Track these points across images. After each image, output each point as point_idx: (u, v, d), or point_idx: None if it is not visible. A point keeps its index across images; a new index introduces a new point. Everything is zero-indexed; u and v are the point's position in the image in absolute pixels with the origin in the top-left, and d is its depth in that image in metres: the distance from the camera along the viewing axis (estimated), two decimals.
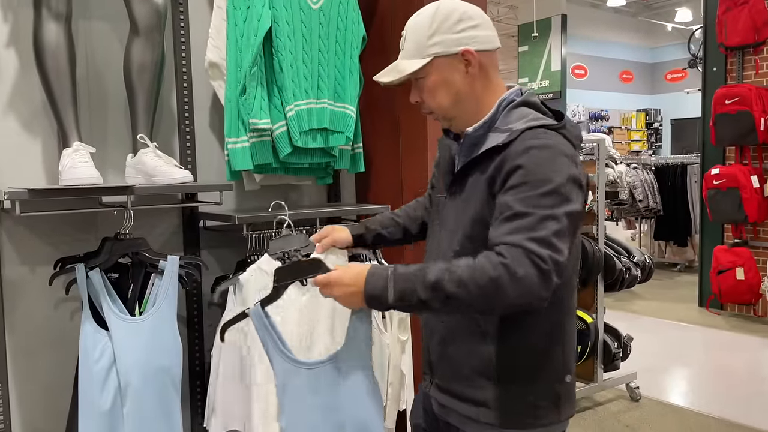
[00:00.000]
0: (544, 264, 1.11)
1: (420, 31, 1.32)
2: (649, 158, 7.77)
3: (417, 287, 1.16)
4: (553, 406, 1.33)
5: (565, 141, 1.26)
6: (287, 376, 1.35)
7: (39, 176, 1.92)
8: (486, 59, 1.33)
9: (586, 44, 12.68)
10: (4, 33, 1.86)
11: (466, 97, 1.33)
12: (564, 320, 1.34)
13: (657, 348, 4.94)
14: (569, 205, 1.18)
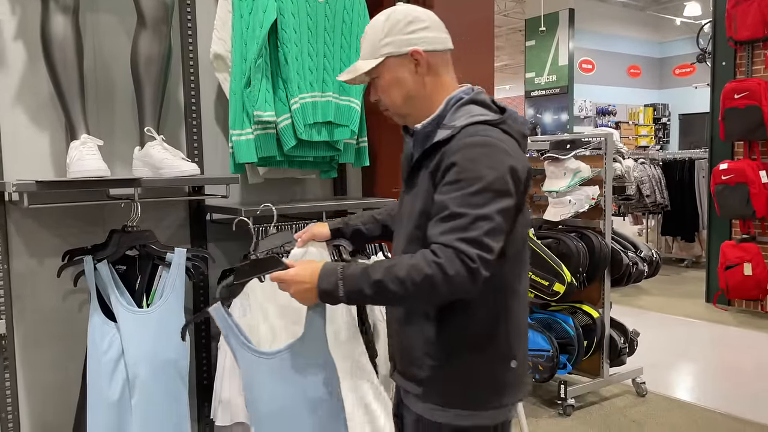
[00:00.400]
0: (472, 263, 1.22)
1: (374, 33, 1.42)
2: (656, 153, 7.73)
3: (363, 286, 1.27)
4: (495, 390, 1.38)
5: (504, 136, 1.33)
6: (250, 366, 1.44)
7: (47, 168, 1.93)
8: (435, 59, 1.42)
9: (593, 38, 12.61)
10: (12, 26, 1.86)
11: (417, 95, 1.41)
12: (510, 305, 1.39)
13: (663, 343, 4.93)
14: (502, 202, 1.26)
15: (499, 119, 1.36)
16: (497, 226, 1.25)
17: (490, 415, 1.39)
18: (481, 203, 1.25)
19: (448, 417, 1.37)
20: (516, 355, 1.40)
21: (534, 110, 12.06)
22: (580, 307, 3.72)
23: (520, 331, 1.42)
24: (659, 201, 7.11)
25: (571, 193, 3.70)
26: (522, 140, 1.40)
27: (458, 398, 1.37)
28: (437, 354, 1.38)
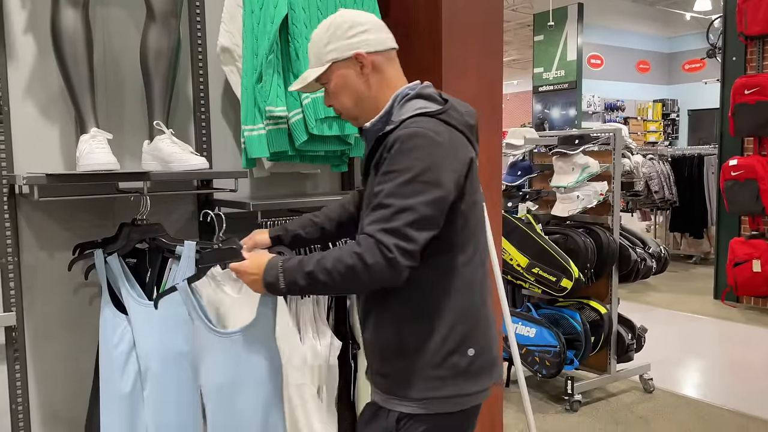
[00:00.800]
0: (389, 253, 1.28)
1: (318, 42, 1.48)
2: (665, 149, 7.69)
3: (297, 277, 1.35)
4: (453, 378, 1.41)
5: (442, 127, 1.36)
6: (206, 340, 1.60)
7: (57, 162, 1.94)
8: (379, 59, 1.46)
9: (602, 33, 12.53)
10: (22, 19, 1.87)
11: (365, 96, 1.47)
12: (462, 294, 1.42)
13: (671, 340, 4.91)
14: (430, 193, 1.30)
15: (439, 110, 1.39)
16: (421, 218, 1.29)
17: (452, 403, 1.42)
18: (408, 194, 1.29)
19: (407, 406, 1.41)
20: (473, 343, 1.42)
21: (542, 105, 12.01)
22: (587, 303, 3.71)
23: (477, 320, 1.45)
24: (668, 197, 7.08)
25: (580, 188, 3.69)
26: (467, 130, 1.43)
27: (414, 388, 1.40)
28: (391, 346, 1.43)
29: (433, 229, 1.33)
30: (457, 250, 1.40)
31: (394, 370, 1.43)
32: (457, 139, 1.39)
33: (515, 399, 3.69)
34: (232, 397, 1.60)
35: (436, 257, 1.39)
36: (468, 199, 1.40)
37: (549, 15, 11.10)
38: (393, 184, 1.31)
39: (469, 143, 1.45)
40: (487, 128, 2.48)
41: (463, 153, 1.39)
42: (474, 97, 2.42)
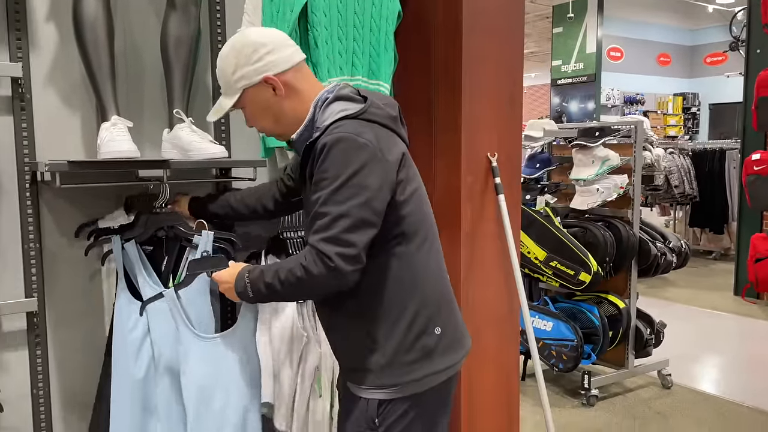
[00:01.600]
0: (330, 263, 1.33)
1: (225, 70, 1.50)
2: (686, 143, 7.59)
3: (261, 287, 1.43)
4: (425, 359, 1.46)
5: (366, 126, 1.39)
6: (188, 344, 1.67)
7: (78, 149, 1.95)
8: (289, 77, 1.49)
9: (622, 26, 12.37)
10: (44, 7, 1.88)
11: (283, 115, 1.50)
12: (420, 280, 1.47)
13: (690, 336, 4.86)
14: (362, 195, 1.33)
15: (359, 111, 1.42)
16: (358, 221, 1.33)
17: (427, 381, 1.47)
18: (341, 200, 1.33)
19: (384, 393, 1.45)
20: (437, 321, 1.49)
21: (560, 99, 11.89)
22: (605, 297, 3.68)
23: (439, 301, 1.51)
24: (688, 192, 6.99)
25: (599, 181, 3.65)
26: (391, 123, 1.47)
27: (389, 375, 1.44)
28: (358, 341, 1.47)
29: (372, 228, 1.37)
30: (407, 240, 1.45)
31: (365, 362, 1.46)
32: (382, 135, 1.42)
33: (531, 392, 3.67)
34: (211, 399, 1.65)
35: (387, 250, 1.44)
36: (406, 190, 1.45)
37: (569, 7, 10.97)
38: (326, 192, 1.34)
39: (397, 135, 1.49)
40: (507, 121, 2.46)
41: (391, 148, 1.42)
42: (494, 90, 2.40)
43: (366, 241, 1.36)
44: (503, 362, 2.51)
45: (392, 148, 1.43)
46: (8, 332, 1.88)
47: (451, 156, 2.36)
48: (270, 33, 1.52)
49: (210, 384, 1.66)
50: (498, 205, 2.43)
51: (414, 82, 2.49)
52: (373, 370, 1.45)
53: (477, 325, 2.42)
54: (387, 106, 1.49)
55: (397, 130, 1.49)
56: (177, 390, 1.72)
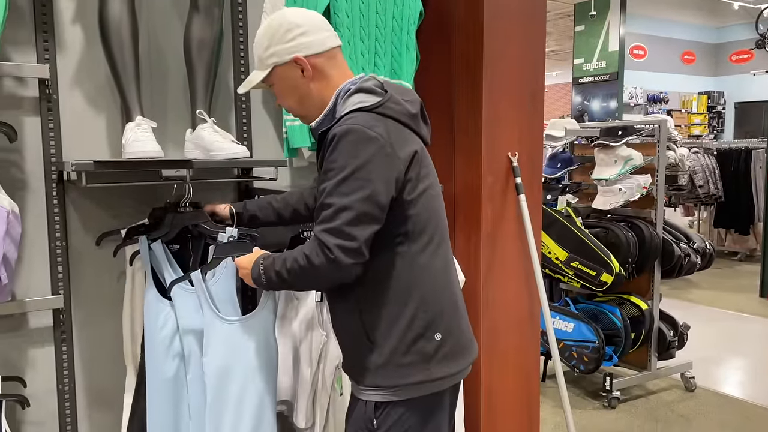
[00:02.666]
0: (330, 254, 1.34)
1: (259, 46, 1.52)
2: (710, 142, 7.47)
3: (272, 275, 1.45)
4: (422, 364, 1.43)
5: (380, 120, 1.39)
6: (212, 323, 1.69)
7: (103, 149, 1.98)
8: (319, 61, 1.50)
9: (646, 23, 12.20)
10: (70, 9, 1.91)
11: (308, 97, 1.51)
12: (421, 281, 1.44)
13: (714, 338, 4.79)
14: (366, 189, 1.33)
15: (376, 104, 1.41)
16: (360, 214, 1.33)
17: (424, 388, 1.44)
18: (345, 192, 1.33)
19: (381, 395, 1.44)
20: (438, 328, 1.45)
21: (581, 97, 11.77)
22: (628, 299, 3.64)
23: (441, 305, 1.47)
24: (712, 192, 6.88)
25: (622, 181, 3.62)
26: (408, 119, 1.45)
27: (384, 376, 1.43)
28: (357, 337, 1.46)
29: (374, 223, 1.36)
30: (411, 239, 1.43)
31: (363, 360, 1.46)
32: (395, 130, 1.41)
33: (551, 394, 3.65)
34: (230, 381, 1.68)
35: (388, 248, 1.42)
36: (415, 189, 1.42)
37: (591, 5, 10.86)
38: (332, 183, 1.35)
39: (413, 131, 1.47)
40: (528, 120, 2.45)
41: (402, 145, 1.41)
42: (515, 89, 2.39)
43: (368, 236, 1.36)
44: (524, 363, 2.50)
45: (404, 144, 1.42)
46: (35, 329, 1.92)
47: (472, 155, 2.35)
48: (307, 15, 1.52)
49: (230, 366, 1.68)
50: (519, 205, 2.41)
51: (435, 81, 2.48)
52: (370, 369, 1.45)
53: (497, 325, 2.41)
54: (407, 102, 1.47)
55: (414, 128, 1.48)
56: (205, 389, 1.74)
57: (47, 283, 1.90)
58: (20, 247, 1.82)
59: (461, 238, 2.42)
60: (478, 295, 2.36)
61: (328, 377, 1.94)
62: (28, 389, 1.88)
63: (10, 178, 1.84)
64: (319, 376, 1.94)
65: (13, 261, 1.70)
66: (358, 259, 1.36)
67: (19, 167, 1.85)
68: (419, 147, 1.47)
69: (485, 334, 2.37)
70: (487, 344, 2.38)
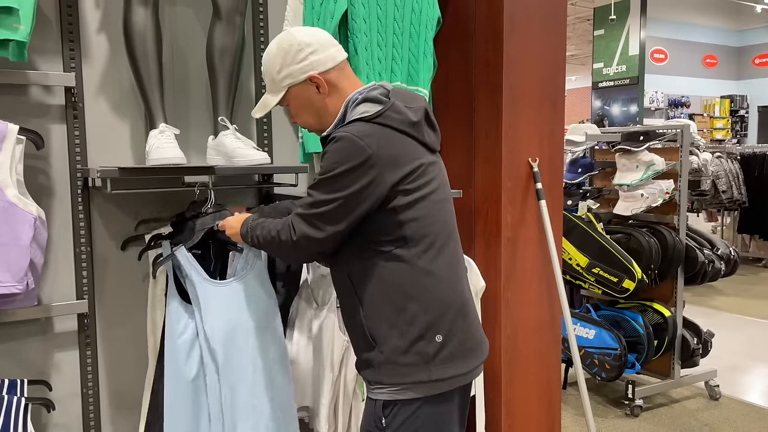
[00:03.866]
0: (294, 236, 1.47)
1: (270, 68, 1.57)
2: (734, 147, 7.36)
3: (252, 235, 1.60)
4: (423, 365, 1.45)
5: (375, 128, 1.43)
6: (208, 294, 1.75)
7: (127, 156, 2.01)
8: (332, 76, 1.55)
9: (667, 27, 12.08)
10: (96, 19, 1.94)
11: (325, 112, 1.56)
12: (422, 284, 1.47)
13: (739, 346, 4.70)
14: (343, 193, 1.41)
15: (374, 114, 1.45)
16: (331, 212, 1.43)
17: (426, 388, 1.46)
18: (326, 191, 1.43)
19: (386, 393, 1.47)
20: (439, 329, 1.47)
21: (601, 102, 11.68)
22: (650, 305, 3.59)
23: (443, 308, 1.49)
24: (736, 197, 6.77)
25: (644, 186, 3.58)
26: (409, 128, 1.48)
27: (386, 374, 1.46)
28: (362, 336, 1.50)
29: (341, 224, 1.44)
30: (409, 244, 1.46)
31: (368, 359, 1.50)
32: (392, 140, 1.44)
33: (572, 401, 3.61)
34: (235, 339, 1.74)
35: (384, 252, 1.46)
36: (411, 195, 1.45)
37: (611, 8, 10.78)
38: (318, 179, 1.45)
39: (416, 140, 1.49)
40: (549, 125, 2.43)
41: (398, 154, 1.44)
42: (536, 94, 2.38)
43: (333, 233, 1.45)
44: (544, 370, 2.48)
45: (401, 154, 1.45)
46: (60, 333, 1.95)
47: (492, 161, 2.35)
48: (315, 32, 1.57)
49: (232, 325, 1.75)
50: (539, 211, 2.40)
51: (454, 87, 2.48)
52: (374, 367, 1.49)
53: (517, 332, 2.39)
54: (410, 111, 1.50)
55: (416, 136, 1.50)
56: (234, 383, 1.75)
57: (72, 287, 1.93)
58: (46, 252, 1.85)
59: (481, 244, 2.41)
60: (498, 301, 2.35)
61: (349, 383, 1.94)
62: (53, 393, 1.91)
63: (37, 185, 1.87)
64: (340, 382, 1.94)
65: (40, 266, 1.73)
66: (317, 248, 1.48)
67: (45, 174, 1.89)
68: (420, 155, 1.49)
69: (505, 341, 2.36)
70: (507, 350, 2.37)
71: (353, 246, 1.49)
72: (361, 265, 1.48)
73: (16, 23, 1.58)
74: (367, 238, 1.47)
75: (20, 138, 1.65)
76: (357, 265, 1.49)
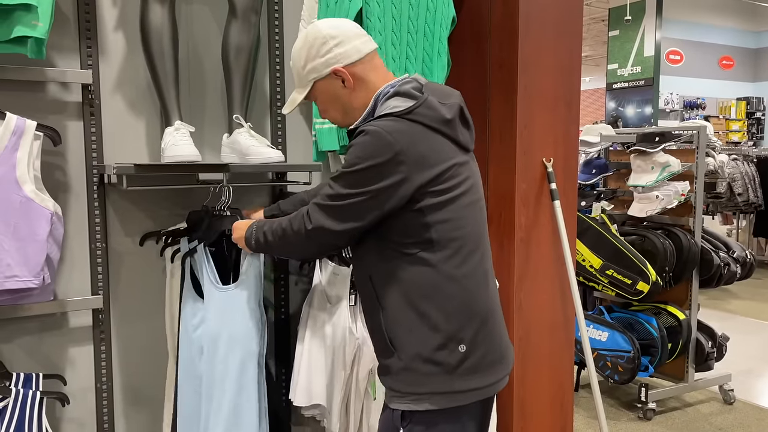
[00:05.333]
0: (309, 224, 1.43)
1: (296, 63, 1.53)
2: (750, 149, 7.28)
3: (260, 236, 1.58)
4: (444, 375, 1.40)
5: (404, 125, 1.37)
6: (211, 292, 1.78)
7: (142, 153, 2.02)
8: (358, 68, 1.49)
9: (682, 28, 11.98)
10: (113, 17, 1.96)
11: (351, 106, 1.51)
12: (447, 290, 1.41)
13: (754, 350, 4.65)
14: (366, 188, 1.36)
15: (405, 110, 1.39)
16: (351, 206, 1.38)
17: (446, 399, 1.40)
18: (349, 184, 1.38)
19: (404, 403, 1.42)
20: (463, 338, 1.41)
21: (615, 103, 11.61)
22: (664, 308, 3.56)
23: (468, 317, 1.42)
24: (752, 200, 6.69)
25: (659, 188, 3.55)
26: (441, 125, 1.42)
27: (405, 383, 1.42)
28: (383, 342, 1.46)
29: (359, 221, 1.40)
30: (434, 248, 1.40)
31: (388, 365, 1.45)
32: (423, 138, 1.38)
33: (584, 404, 3.59)
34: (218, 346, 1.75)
35: (407, 254, 1.40)
36: (440, 196, 1.39)
37: (626, 9, 10.72)
38: (340, 173, 1.40)
39: (448, 138, 1.43)
40: (563, 125, 2.42)
41: (428, 153, 1.38)
42: (550, 93, 2.36)
43: (351, 228, 1.40)
44: (557, 372, 2.46)
45: (431, 153, 1.38)
46: (75, 328, 1.96)
47: (506, 161, 2.34)
48: (341, 24, 1.50)
49: (220, 331, 1.76)
50: (553, 212, 2.39)
51: (468, 87, 2.48)
52: (391, 373, 1.44)
53: (530, 333, 2.38)
54: (443, 107, 1.42)
55: (449, 134, 1.42)
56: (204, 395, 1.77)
57: (87, 283, 1.95)
58: (62, 248, 1.86)
59: (494, 244, 2.40)
60: (511, 302, 2.33)
61: (361, 381, 1.94)
62: (67, 387, 1.92)
63: (54, 181, 1.89)
64: (352, 380, 1.94)
65: (56, 261, 1.75)
66: (331, 241, 1.43)
67: (62, 170, 1.91)
68: (453, 155, 1.42)
69: (518, 342, 2.35)
70: (519, 352, 2.35)
71: (376, 247, 1.43)
72: (384, 267, 1.42)
73: (35, 20, 1.59)
74: (391, 239, 1.41)
75: (38, 134, 1.67)
76: (379, 266, 1.43)
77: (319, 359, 1.98)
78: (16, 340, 1.89)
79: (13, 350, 1.88)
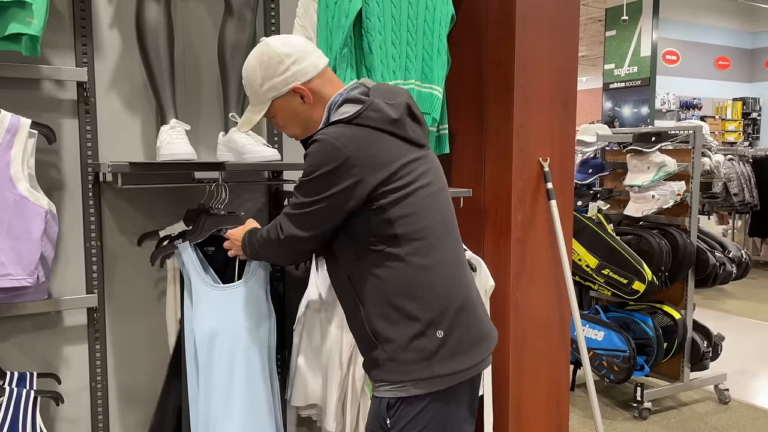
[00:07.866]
0: (281, 233, 1.51)
1: (252, 82, 1.54)
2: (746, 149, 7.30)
3: (252, 243, 1.64)
4: (424, 361, 1.43)
5: (352, 130, 1.41)
6: (201, 293, 1.78)
7: (137, 151, 2.01)
8: (315, 84, 1.52)
9: (679, 28, 12.00)
10: (108, 15, 1.95)
11: (311, 121, 1.54)
12: (418, 279, 1.45)
13: (749, 350, 4.67)
14: (323, 194, 1.42)
15: (352, 115, 1.43)
16: (313, 213, 1.44)
17: (429, 384, 1.44)
18: (307, 192, 1.44)
19: (390, 391, 1.45)
20: (440, 324, 1.45)
21: (612, 103, 11.62)
22: (660, 308, 3.57)
23: (443, 304, 1.46)
24: (748, 200, 6.71)
25: (655, 188, 3.55)
26: (389, 125, 1.45)
27: (388, 372, 1.45)
28: (364, 335, 1.49)
29: (323, 226, 1.46)
30: (400, 242, 1.44)
31: (373, 358, 1.48)
32: (371, 140, 1.42)
33: (580, 403, 3.59)
34: (216, 344, 1.75)
35: (376, 251, 1.44)
36: (397, 193, 1.42)
37: (623, 9, 10.73)
38: (301, 181, 1.46)
39: (397, 137, 1.46)
40: (560, 124, 2.42)
41: (378, 153, 1.42)
42: (547, 93, 2.36)
43: (317, 233, 1.47)
44: (553, 371, 2.47)
45: (382, 153, 1.42)
46: (69, 327, 1.95)
47: (503, 160, 2.34)
48: (294, 41, 1.53)
49: (217, 330, 1.76)
50: (550, 211, 2.39)
51: (465, 85, 2.47)
52: (379, 363, 1.47)
53: (526, 332, 2.38)
54: (389, 107, 1.46)
55: (398, 133, 1.46)
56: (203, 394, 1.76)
57: (82, 282, 1.94)
58: (57, 246, 1.85)
59: (490, 243, 2.40)
60: (506, 301, 2.33)
61: (357, 380, 1.93)
62: (62, 386, 1.91)
63: (48, 179, 1.88)
64: (348, 380, 1.94)
65: (50, 260, 1.74)
66: (304, 246, 1.51)
67: (56, 168, 1.90)
68: (404, 152, 1.46)
69: (514, 341, 2.35)
70: (515, 351, 2.35)
71: (349, 247, 1.48)
72: (358, 266, 1.47)
73: (29, 17, 1.58)
74: (359, 239, 1.45)
75: (32, 132, 1.66)
76: (354, 265, 1.47)
77: (316, 359, 1.98)
78: (10, 339, 1.88)
79: (7, 349, 1.87)
